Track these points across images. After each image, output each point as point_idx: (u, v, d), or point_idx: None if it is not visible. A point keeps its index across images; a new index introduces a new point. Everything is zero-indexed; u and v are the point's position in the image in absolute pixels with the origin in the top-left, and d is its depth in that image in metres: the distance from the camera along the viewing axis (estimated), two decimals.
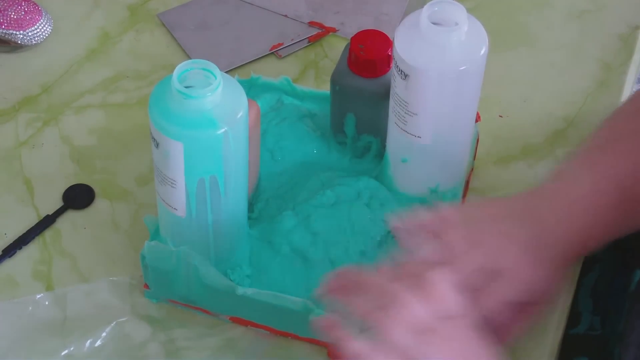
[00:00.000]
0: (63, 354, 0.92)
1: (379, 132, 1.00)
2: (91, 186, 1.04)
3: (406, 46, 0.88)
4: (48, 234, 1.01)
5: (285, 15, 1.21)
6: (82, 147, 1.08)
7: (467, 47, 0.88)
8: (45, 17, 1.15)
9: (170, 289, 0.94)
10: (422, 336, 0.76)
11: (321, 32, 1.19)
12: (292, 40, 1.18)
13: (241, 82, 0.94)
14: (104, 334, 0.93)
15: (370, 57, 0.96)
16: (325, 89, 1.05)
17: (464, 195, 1.03)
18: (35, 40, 1.15)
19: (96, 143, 1.08)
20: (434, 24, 0.87)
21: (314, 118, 1.05)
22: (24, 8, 1.14)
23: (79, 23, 1.20)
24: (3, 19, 1.13)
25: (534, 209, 0.85)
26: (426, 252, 0.82)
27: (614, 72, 1.16)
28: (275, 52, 1.17)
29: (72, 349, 0.93)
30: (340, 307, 0.79)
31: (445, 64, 0.87)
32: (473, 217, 0.85)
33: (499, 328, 0.83)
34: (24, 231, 1.00)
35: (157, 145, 0.84)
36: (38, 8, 1.15)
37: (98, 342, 0.93)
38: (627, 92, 1.14)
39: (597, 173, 0.86)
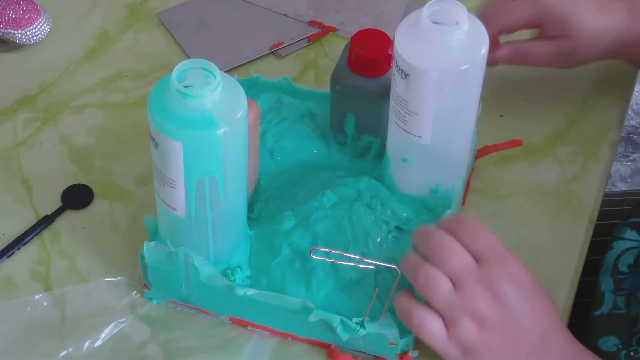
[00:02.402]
0: (62, 354, 0.92)
1: (379, 132, 1.00)
2: (90, 186, 1.04)
3: (407, 45, 0.88)
4: (47, 234, 1.01)
5: (285, 15, 1.20)
6: (81, 146, 1.08)
7: (467, 47, 0.87)
8: (43, 17, 1.15)
9: (170, 290, 0.94)
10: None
11: (321, 32, 1.19)
12: (292, 39, 1.18)
13: (241, 82, 0.94)
14: (103, 335, 0.93)
15: (370, 56, 0.96)
16: (325, 88, 1.05)
17: (465, 196, 1.03)
18: (33, 40, 1.15)
19: (95, 143, 1.08)
20: (435, 23, 0.87)
21: (314, 118, 1.05)
22: (23, 7, 1.14)
23: (78, 22, 1.20)
24: (1, 18, 1.13)
25: None
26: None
27: (615, 71, 1.15)
28: (275, 51, 1.17)
29: (70, 349, 0.92)
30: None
31: (445, 63, 0.87)
32: None
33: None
34: (23, 231, 1.00)
35: (156, 145, 0.84)
36: (37, 7, 1.15)
37: (97, 343, 0.93)
38: (628, 92, 1.14)
39: None
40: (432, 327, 0.84)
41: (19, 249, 0.99)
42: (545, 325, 0.85)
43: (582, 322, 1.01)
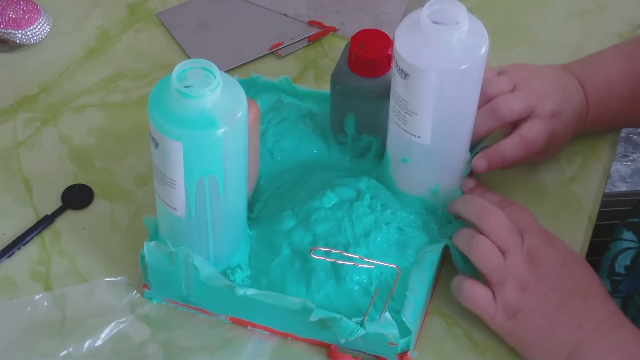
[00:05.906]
0: (62, 354, 0.92)
1: (379, 132, 1.00)
2: (90, 186, 1.04)
3: (407, 45, 0.88)
4: (47, 234, 1.01)
5: (285, 15, 1.20)
6: (81, 146, 1.08)
7: (467, 46, 0.87)
8: (44, 17, 1.15)
9: (170, 289, 0.94)
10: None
11: (321, 32, 1.19)
12: (292, 39, 1.18)
13: (241, 82, 0.94)
14: (103, 335, 0.93)
15: (370, 56, 0.96)
16: (325, 88, 1.05)
17: None
18: (34, 40, 1.15)
19: (95, 143, 1.08)
20: (435, 23, 0.87)
21: (314, 118, 1.05)
22: (23, 7, 1.14)
23: (78, 22, 1.20)
24: (2, 18, 1.13)
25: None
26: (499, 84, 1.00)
27: None
28: (275, 51, 1.17)
29: (71, 349, 0.92)
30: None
31: (445, 63, 0.87)
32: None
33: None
34: (23, 231, 1.00)
35: (156, 145, 0.84)
36: (37, 7, 1.15)
37: (97, 343, 0.93)
38: None
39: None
40: (480, 294, 0.91)
41: (19, 248, 0.99)
42: (587, 288, 0.90)
43: None
